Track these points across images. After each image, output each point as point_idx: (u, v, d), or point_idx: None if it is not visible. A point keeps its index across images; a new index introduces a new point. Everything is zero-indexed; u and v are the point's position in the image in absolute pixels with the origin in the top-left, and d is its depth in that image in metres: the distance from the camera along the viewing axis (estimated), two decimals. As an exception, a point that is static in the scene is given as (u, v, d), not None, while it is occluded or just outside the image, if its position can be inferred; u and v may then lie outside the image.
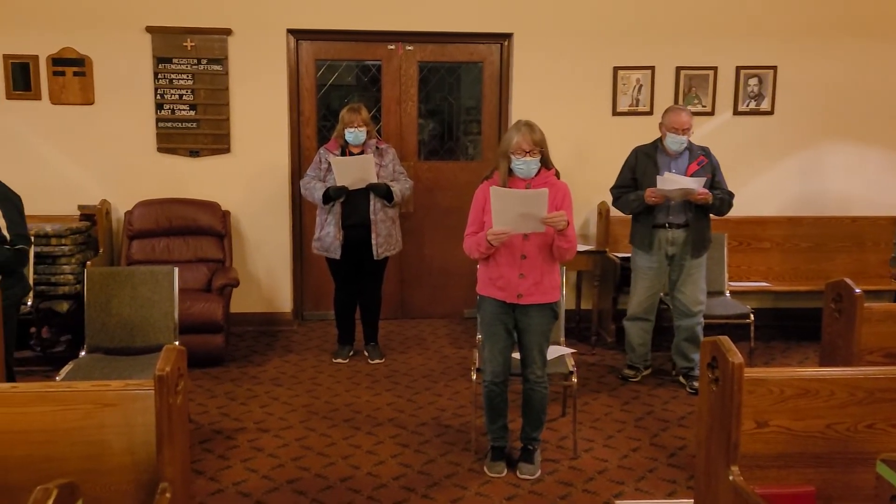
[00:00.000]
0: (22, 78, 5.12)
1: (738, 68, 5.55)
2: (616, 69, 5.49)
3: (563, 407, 4.09)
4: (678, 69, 5.52)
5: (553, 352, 3.59)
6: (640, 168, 4.38)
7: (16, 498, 2.13)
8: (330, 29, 5.32)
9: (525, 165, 3.21)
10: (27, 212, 3.47)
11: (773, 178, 5.68)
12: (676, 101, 5.50)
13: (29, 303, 4.46)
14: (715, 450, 2.32)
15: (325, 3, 5.25)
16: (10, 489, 2.15)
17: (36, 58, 5.11)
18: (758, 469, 2.32)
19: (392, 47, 5.53)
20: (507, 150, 3.23)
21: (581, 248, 5.03)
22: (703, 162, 4.33)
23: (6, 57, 5.09)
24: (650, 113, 5.47)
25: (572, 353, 3.76)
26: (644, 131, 4.94)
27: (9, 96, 5.13)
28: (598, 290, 5.27)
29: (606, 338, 5.36)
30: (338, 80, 5.60)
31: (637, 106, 5.54)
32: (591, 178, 5.33)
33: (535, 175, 3.26)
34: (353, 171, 4.49)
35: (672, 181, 4.18)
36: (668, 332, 4.72)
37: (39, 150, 5.21)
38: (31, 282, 4.47)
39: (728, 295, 5.01)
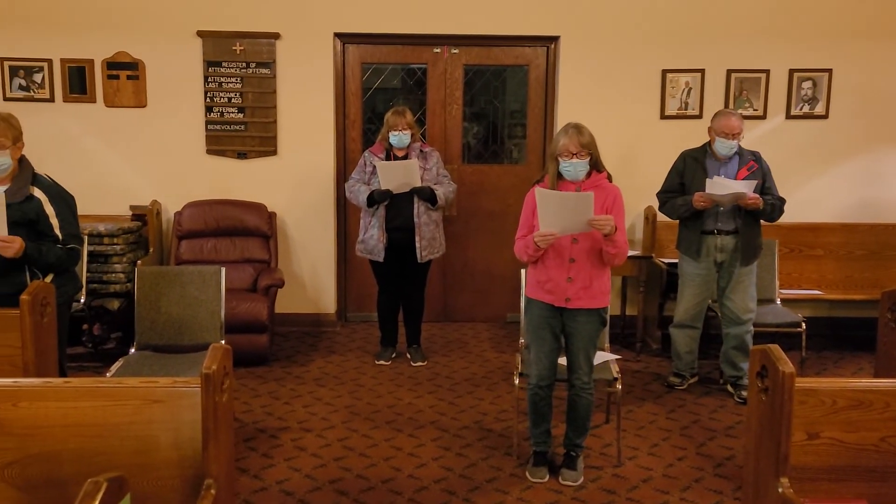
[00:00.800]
0: (78, 81, 5.26)
1: (792, 71, 5.42)
2: (665, 72, 5.41)
3: (606, 414, 4.04)
4: (729, 72, 5.42)
5: (598, 358, 3.54)
6: (688, 173, 4.31)
7: (68, 490, 2.18)
8: (376, 32, 5.36)
9: (572, 168, 3.18)
10: (81, 211, 3.55)
11: (826, 183, 5.53)
12: (727, 105, 5.40)
13: (81, 300, 4.59)
14: (764, 461, 2.26)
15: (372, 6, 5.29)
16: (63, 482, 2.20)
17: (91, 62, 5.25)
18: (808, 482, 2.26)
19: (437, 50, 5.54)
20: (555, 152, 3.21)
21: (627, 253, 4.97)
22: (754, 167, 4.24)
23: (63, 61, 5.24)
24: (699, 116, 5.38)
25: (617, 359, 3.71)
26: (693, 135, 4.86)
27: (66, 99, 5.29)
28: (644, 295, 5.19)
29: (652, 344, 5.28)
30: (383, 84, 5.63)
31: (686, 109, 5.46)
32: (637, 182, 5.26)
33: (586, 178, 3.23)
34: (397, 175, 4.51)
35: (721, 185, 4.09)
36: (716, 339, 4.63)
37: (94, 152, 5.35)
38: (83, 280, 4.60)
39: (779, 303, 4.89)
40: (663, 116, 5.47)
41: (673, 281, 4.67)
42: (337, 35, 5.38)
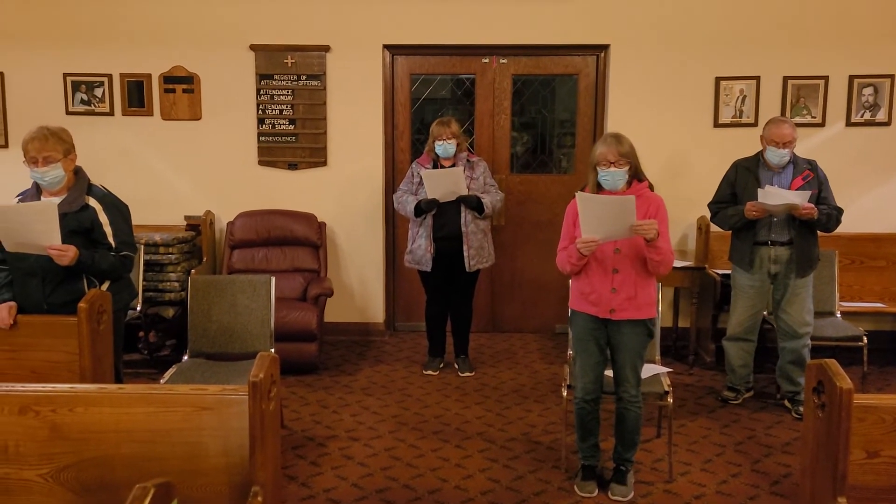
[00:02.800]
0: (137, 95, 5.42)
1: (852, 77, 5.26)
2: (718, 79, 5.31)
3: (657, 428, 3.96)
4: (785, 79, 5.29)
5: (648, 370, 3.48)
6: (739, 182, 4.21)
7: (120, 494, 2.22)
8: (425, 44, 5.39)
9: (610, 177, 3.14)
10: (138, 221, 3.65)
11: (889, 192, 5.34)
12: (783, 113, 5.27)
13: (138, 308, 4.70)
14: (820, 480, 2.18)
15: (421, 18, 5.33)
16: (115, 486, 2.24)
17: (149, 76, 5.41)
18: (867, 502, 2.17)
19: (486, 61, 5.54)
20: (594, 161, 3.18)
21: (679, 263, 4.87)
22: (809, 176, 4.11)
23: (123, 76, 5.41)
24: (754, 125, 5.25)
25: (668, 372, 3.63)
26: (747, 144, 4.75)
27: (125, 113, 5.45)
28: (697, 307, 5.08)
29: (705, 357, 5.16)
30: (432, 94, 5.66)
31: (740, 118, 5.34)
32: (690, 191, 5.17)
33: (627, 188, 3.19)
34: (443, 184, 4.51)
35: (774, 195, 3.98)
36: (772, 353, 4.49)
37: (151, 164, 5.49)
38: (140, 288, 4.72)
39: (839, 316, 4.73)
40: (717, 125, 5.36)
41: (727, 293, 4.56)
42: (386, 47, 5.43)
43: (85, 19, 5.35)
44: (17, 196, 3.25)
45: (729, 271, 4.49)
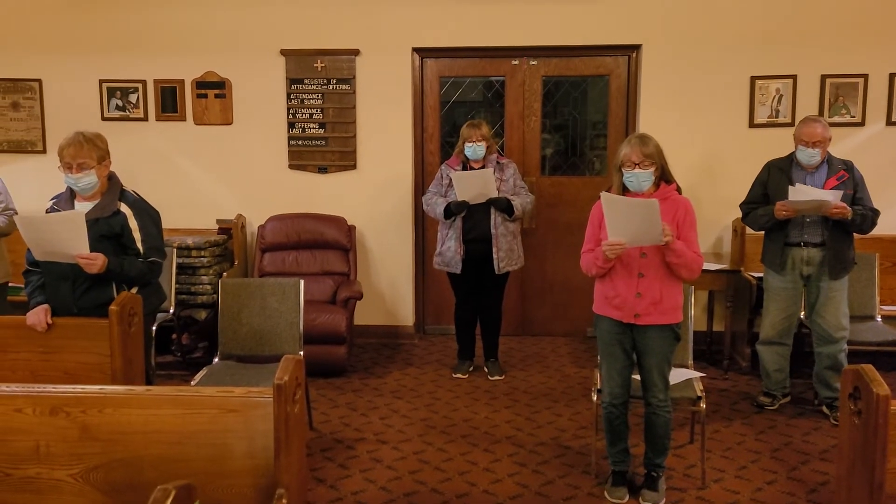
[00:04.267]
0: (170, 101, 5.50)
1: (892, 75, 5.13)
2: (753, 79, 5.21)
3: (690, 433, 3.89)
4: (823, 77, 5.17)
5: (680, 375, 3.42)
6: (772, 183, 4.12)
7: (147, 495, 2.23)
8: (454, 46, 5.38)
9: (635, 178, 3.09)
10: (171, 225, 3.70)
11: (932, 193, 5.19)
12: (821, 112, 5.15)
13: (170, 310, 4.76)
14: (857, 488, 2.11)
15: (450, 21, 5.32)
16: (143, 486, 2.26)
17: (182, 82, 5.48)
18: (908, 513, 2.10)
19: (516, 62, 5.51)
20: (619, 162, 3.13)
21: (712, 266, 4.80)
22: (844, 177, 3.99)
23: (156, 82, 5.49)
24: (791, 124, 5.13)
25: (701, 376, 3.56)
26: (784, 144, 4.63)
27: (158, 118, 5.53)
28: (732, 311, 4.98)
29: (740, 362, 5.06)
30: (461, 97, 5.64)
31: (776, 117, 5.24)
32: (724, 193, 5.08)
33: (655, 190, 3.13)
34: (472, 186, 4.50)
35: (804, 193, 3.89)
36: (809, 357, 4.38)
37: (183, 168, 5.57)
38: (172, 291, 4.77)
39: (879, 320, 4.59)
40: (752, 125, 5.26)
41: (762, 296, 4.46)
42: (415, 50, 5.43)
43: (120, 27, 5.44)
44: (52, 199, 3.31)
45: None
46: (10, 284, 4.34)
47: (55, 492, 2.28)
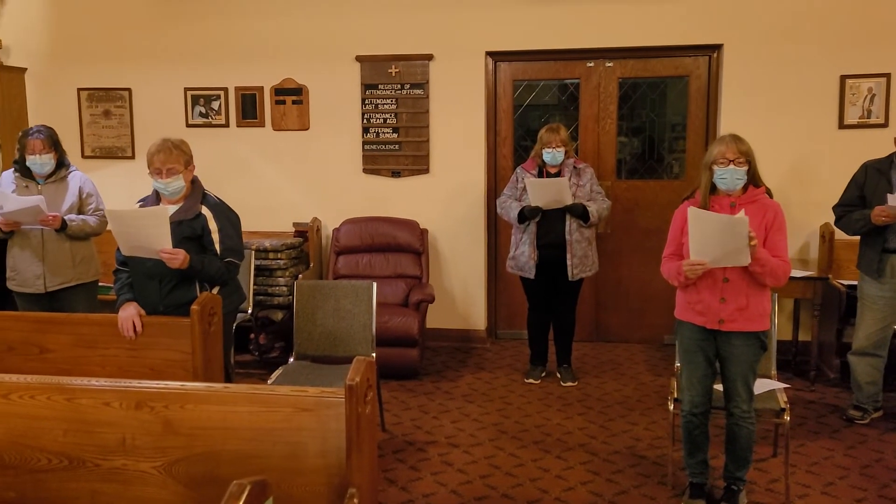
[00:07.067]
0: (250, 107, 5.65)
1: None
2: (843, 78, 4.98)
3: (774, 447, 3.73)
4: (920, 75, 4.91)
5: (763, 385, 3.29)
6: (869, 185, 3.92)
7: (225, 489, 2.29)
8: (528, 49, 5.34)
9: (728, 175, 2.98)
10: (250, 228, 3.79)
11: None
12: (918, 111, 4.88)
13: (249, 311, 4.88)
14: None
15: (523, 24, 5.28)
16: (222, 480, 2.32)
17: (261, 89, 5.63)
18: None
19: (591, 64, 5.43)
20: (710, 160, 3.03)
21: (799, 273, 4.60)
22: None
23: (237, 89, 5.65)
24: (884, 125, 4.90)
25: (785, 388, 3.42)
26: (877, 146, 4.43)
27: (239, 124, 5.69)
28: (819, 319, 4.77)
29: (828, 373, 4.83)
30: (535, 100, 5.60)
31: (868, 118, 4.99)
32: (812, 197, 4.88)
33: (743, 192, 3.02)
34: (547, 193, 4.45)
35: None
36: (904, 370, 4.16)
37: (262, 172, 5.71)
38: (251, 292, 4.89)
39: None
40: (842, 126, 5.03)
41: (852, 304, 4.25)
42: (489, 54, 5.42)
43: (203, 37, 5.63)
44: (138, 202, 3.44)
45: (855, 282, 4.20)
46: (99, 283, 4.53)
47: (140, 483, 2.36)
